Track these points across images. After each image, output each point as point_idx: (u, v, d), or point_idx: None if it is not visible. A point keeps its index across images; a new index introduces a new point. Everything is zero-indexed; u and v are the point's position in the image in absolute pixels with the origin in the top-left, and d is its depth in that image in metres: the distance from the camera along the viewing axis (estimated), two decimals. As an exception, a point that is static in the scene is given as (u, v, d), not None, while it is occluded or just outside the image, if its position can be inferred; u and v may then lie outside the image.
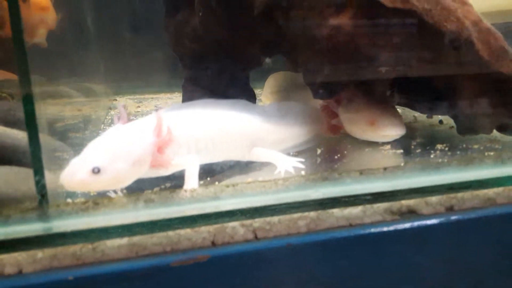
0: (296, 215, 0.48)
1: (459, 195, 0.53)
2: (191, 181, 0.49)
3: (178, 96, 1.18)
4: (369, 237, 0.49)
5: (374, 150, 0.68)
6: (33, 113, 0.43)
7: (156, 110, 0.49)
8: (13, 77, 1.08)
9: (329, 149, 0.70)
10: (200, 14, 0.73)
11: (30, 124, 0.42)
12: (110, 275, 0.43)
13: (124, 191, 0.53)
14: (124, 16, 1.38)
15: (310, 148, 0.70)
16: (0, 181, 0.43)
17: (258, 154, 0.59)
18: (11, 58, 1.21)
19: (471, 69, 0.63)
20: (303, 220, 0.49)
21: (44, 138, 0.52)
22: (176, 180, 0.54)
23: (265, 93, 0.98)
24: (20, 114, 0.61)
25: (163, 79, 1.35)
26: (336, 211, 0.50)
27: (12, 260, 0.42)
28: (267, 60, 0.78)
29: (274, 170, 0.57)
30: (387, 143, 0.69)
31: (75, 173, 0.43)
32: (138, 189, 0.52)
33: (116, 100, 1.22)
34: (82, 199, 0.43)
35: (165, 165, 0.48)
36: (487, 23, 0.65)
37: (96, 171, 0.44)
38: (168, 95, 1.28)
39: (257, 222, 0.48)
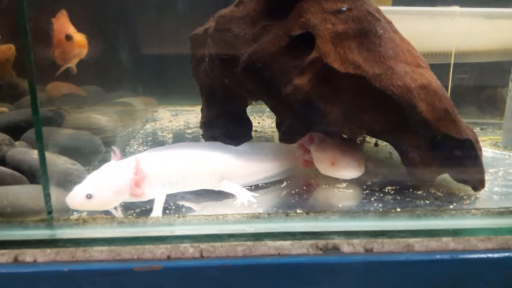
0: (235, 243, 0.63)
1: (379, 240, 0.64)
2: (156, 210, 0.66)
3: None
4: (292, 266, 0.63)
5: (329, 187, 0.79)
6: (41, 140, 0.59)
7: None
8: (78, 90, 1.30)
9: (293, 182, 0.82)
10: (207, 59, 0.88)
11: (40, 155, 0.59)
12: (93, 271, 0.60)
13: (121, 208, 0.71)
14: (169, 33, 1.54)
15: (281, 180, 0.83)
16: (27, 197, 0.62)
17: (225, 186, 0.74)
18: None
19: (415, 128, 0.72)
20: (241, 246, 0.63)
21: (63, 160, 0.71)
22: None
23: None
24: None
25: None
26: (269, 242, 0.63)
27: (30, 253, 0.61)
28: (253, 102, 0.92)
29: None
30: (346, 180, 0.81)
31: (75, 197, 0.61)
32: (130, 208, 0.71)
33: (156, 111, 1.41)
34: (75, 217, 0.60)
35: (140, 196, 0.65)
36: (436, 85, 0.73)
37: (89, 196, 0.61)
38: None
39: (204, 244, 0.63)
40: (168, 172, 0.69)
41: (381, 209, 0.70)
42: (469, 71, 1.20)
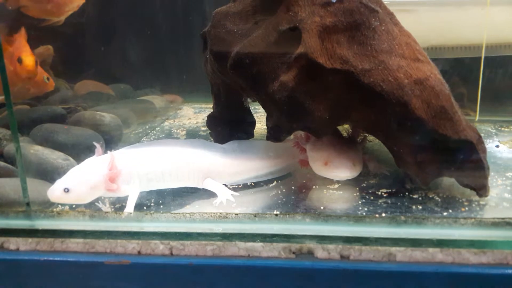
0: (205, 242, 0.62)
1: (357, 247, 0.60)
2: (129, 207, 0.67)
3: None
4: (262, 269, 0.60)
5: (319, 189, 0.76)
6: (16, 136, 0.62)
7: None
8: (105, 88, 1.37)
9: (284, 182, 0.80)
10: (207, 56, 0.88)
11: (16, 148, 0.62)
12: (68, 262, 0.63)
13: (107, 201, 0.73)
14: (196, 32, 1.58)
15: (271, 180, 0.81)
16: (11, 189, 0.67)
17: (207, 184, 0.73)
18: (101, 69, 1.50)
19: (408, 127, 0.66)
20: (211, 246, 0.62)
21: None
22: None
23: None
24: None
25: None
26: (239, 243, 0.62)
27: (14, 241, 0.65)
28: (248, 100, 0.90)
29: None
30: (339, 182, 0.76)
31: (54, 190, 0.64)
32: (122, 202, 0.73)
33: (181, 109, 1.44)
34: (51, 209, 0.63)
35: (115, 191, 0.67)
36: (434, 81, 0.67)
37: (66, 190, 0.64)
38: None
39: (174, 242, 0.63)
40: (144, 168, 0.70)
41: (364, 213, 0.65)
42: (503, 65, 1.08)
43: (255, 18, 0.79)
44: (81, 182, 0.65)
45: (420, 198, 0.70)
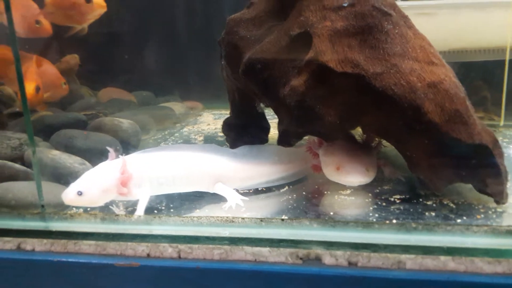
0: (212, 245, 0.62)
1: (365, 253, 0.59)
2: (139, 210, 0.68)
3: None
4: (268, 274, 0.60)
5: (331, 194, 0.75)
6: (33, 143, 0.65)
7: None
8: (127, 96, 1.41)
9: (296, 187, 0.79)
10: (222, 63, 0.89)
11: (33, 154, 0.64)
12: (80, 263, 0.64)
13: (121, 205, 0.74)
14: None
15: (283, 185, 0.80)
16: (29, 192, 0.69)
17: (218, 189, 0.74)
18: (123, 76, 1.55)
19: (421, 131, 0.64)
20: (218, 250, 0.62)
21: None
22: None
23: None
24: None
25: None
26: (247, 248, 0.61)
27: (30, 242, 0.67)
28: (261, 105, 0.90)
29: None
30: (351, 187, 0.75)
31: (68, 193, 0.66)
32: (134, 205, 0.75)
33: (200, 115, 1.46)
34: (64, 211, 0.65)
35: (126, 195, 0.68)
36: (449, 84, 0.65)
37: (79, 193, 0.66)
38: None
39: (183, 245, 0.63)
40: (155, 172, 0.71)
41: (375, 220, 0.64)
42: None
43: (267, 24, 0.80)
44: (93, 185, 0.66)
45: (434, 205, 0.68)
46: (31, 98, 0.97)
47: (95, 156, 0.81)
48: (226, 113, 1.45)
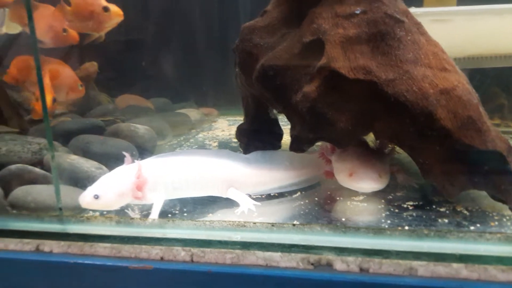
0: (224, 250, 0.63)
1: (377, 260, 0.59)
2: (153, 214, 0.70)
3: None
4: (279, 279, 0.60)
5: (343, 200, 0.75)
6: (52, 148, 0.67)
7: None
8: (144, 102, 1.44)
9: (308, 193, 0.79)
10: (236, 70, 0.91)
11: (52, 158, 0.66)
12: (96, 265, 0.65)
13: (136, 208, 0.76)
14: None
15: (296, 190, 0.81)
16: (48, 195, 0.71)
17: (231, 194, 0.75)
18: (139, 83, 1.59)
19: (434, 137, 0.64)
20: (230, 254, 0.63)
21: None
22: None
23: None
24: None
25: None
26: (258, 253, 0.62)
27: (48, 244, 0.69)
28: (274, 111, 0.91)
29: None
30: (364, 193, 0.75)
31: (85, 196, 0.68)
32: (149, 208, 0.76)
33: (215, 121, 1.48)
34: (82, 214, 0.67)
35: (141, 199, 0.69)
36: (462, 90, 0.65)
37: (96, 197, 0.67)
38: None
39: (195, 249, 0.64)
40: (169, 177, 0.72)
41: (387, 226, 0.64)
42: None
43: (281, 32, 0.81)
44: (109, 189, 0.68)
45: (447, 211, 0.67)
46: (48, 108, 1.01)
47: (112, 160, 0.83)
48: (240, 120, 1.47)
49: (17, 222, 0.71)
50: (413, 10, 1.06)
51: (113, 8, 1.14)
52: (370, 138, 0.81)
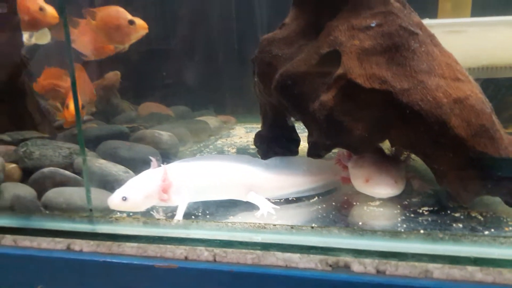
0: (246, 250, 0.66)
1: (393, 262, 0.61)
2: (178, 215, 0.73)
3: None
4: (298, 280, 0.63)
5: (360, 205, 0.77)
6: (84, 153, 0.71)
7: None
8: (165, 110, 1.50)
9: (325, 198, 0.82)
10: (255, 79, 0.94)
11: (83, 162, 0.71)
12: (124, 264, 0.69)
13: (160, 210, 0.79)
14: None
15: (313, 195, 0.84)
16: (78, 196, 0.75)
17: (251, 197, 0.78)
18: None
19: (447, 145, 0.66)
20: (251, 254, 0.66)
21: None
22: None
23: None
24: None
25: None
26: (278, 254, 0.65)
27: (78, 243, 0.73)
28: (292, 118, 0.94)
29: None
30: (380, 199, 0.77)
31: (113, 198, 0.72)
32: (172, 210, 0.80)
33: (233, 128, 1.52)
34: (111, 215, 0.70)
35: (167, 201, 0.73)
36: (475, 100, 0.67)
37: (124, 199, 0.71)
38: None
39: (218, 249, 0.67)
40: (193, 181, 0.76)
41: (402, 230, 0.66)
42: None
43: (298, 43, 0.84)
44: (137, 191, 0.72)
45: (461, 217, 0.69)
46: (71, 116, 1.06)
47: (137, 165, 0.87)
48: (257, 127, 1.50)
49: (50, 222, 0.75)
50: (427, 21, 1.08)
51: (138, 21, 1.20)
52: (386, 145, 0.84)
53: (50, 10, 1.17)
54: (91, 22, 1.22)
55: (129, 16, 1.21)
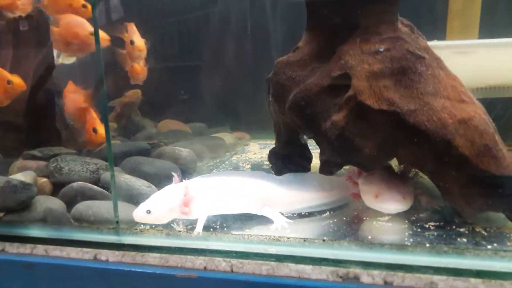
0: (261, 261, 0.70)
1: (400, 273, 0.64)
2: (198, 227, 0.78)
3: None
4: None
5: (369, 220, 0.81)
6: (112, 168, 0.77)
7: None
8: (183, 127, 1.56)
9: (336, 213, 0.86)
10: (270, 99, 0.99)
11: (111, 178, 0.76)
12: (147, 273, 0.74)
13: (181, 223, 0.84)
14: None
15: (325, 210, 0.88)
16: (105, 209, 0.81)
17: (266, 212, 0.83)
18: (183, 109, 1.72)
19: (452, 163, 0.70)
20: (266, 266, 0.70)
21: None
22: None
23: None
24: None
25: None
26: (291, 265, 0.69)
27: (104, 253, 0.78)
28: (304, 137, 0.99)
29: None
30: (389, 214, 0.81)
31: (138, 211, 0.77)
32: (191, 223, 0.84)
33: (247, 145, 1.58)
34: (136, 227, 0.76)
35: (188, 214, 0.78)
36: (479, 121, 0.71)
37: (148, 212, 0.76)
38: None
39: (235, 260, 0.71)
40: (212, 195, 0.81)
41: (409, 243, 0.69)
42: None
43: (311, 66, 0.89)
44: (160, 205, 0.77)
45: (466, 232, 0.72)
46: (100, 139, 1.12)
47: (159, 180, 0.93)
48: (270, 143, 1.56)
49: (78, 233, 0.81)
50: (436, 43, 1.13)
51: (138, 42, 1.26)
52: (395, 163, 0.88)
53: (101, 35, 1.22)
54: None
55: (132, 36, 1.27)
